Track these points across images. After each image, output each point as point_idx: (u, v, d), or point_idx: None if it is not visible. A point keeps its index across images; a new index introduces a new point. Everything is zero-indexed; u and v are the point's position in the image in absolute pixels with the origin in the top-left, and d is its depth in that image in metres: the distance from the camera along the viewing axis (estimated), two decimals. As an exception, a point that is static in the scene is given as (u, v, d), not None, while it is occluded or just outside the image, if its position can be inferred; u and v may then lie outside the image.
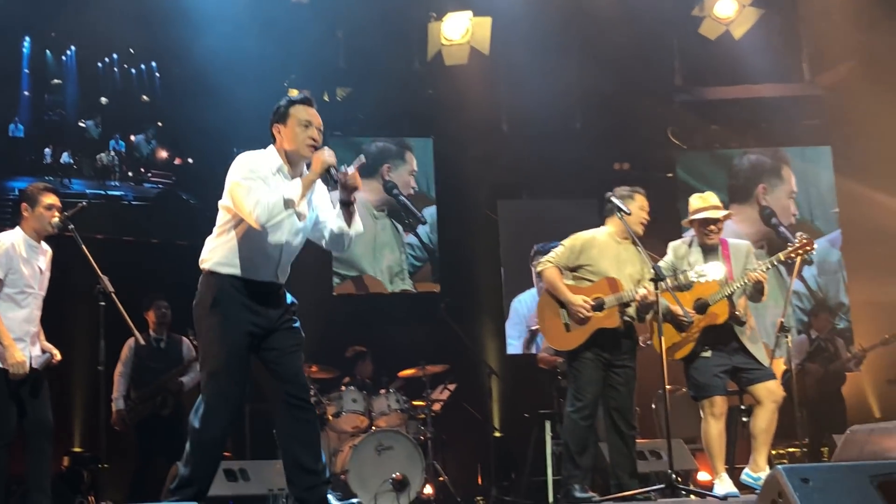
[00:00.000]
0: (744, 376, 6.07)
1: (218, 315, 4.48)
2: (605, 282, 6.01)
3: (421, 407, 8.42)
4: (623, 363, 6.05)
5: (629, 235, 5.99)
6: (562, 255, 6.14)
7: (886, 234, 10.14)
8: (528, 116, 10.43)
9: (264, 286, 4.52)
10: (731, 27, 9.96)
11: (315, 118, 4.53)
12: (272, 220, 4.32)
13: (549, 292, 6.16)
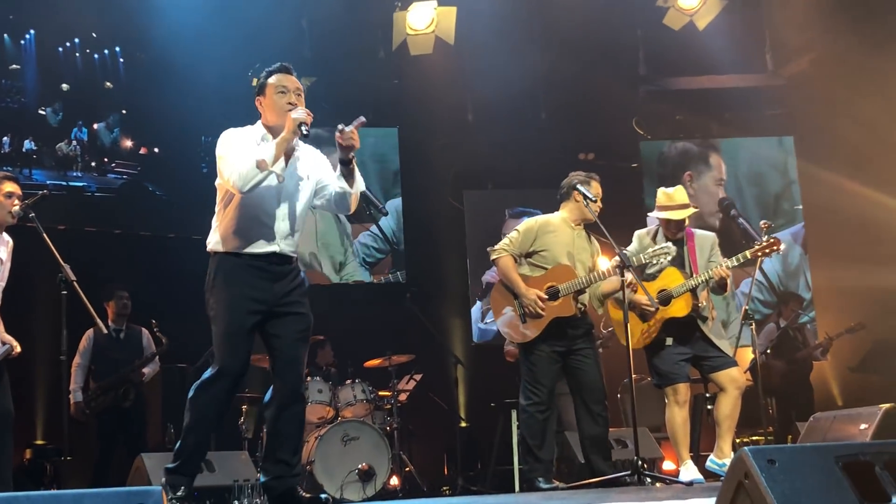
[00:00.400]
0: (706, 364, 6.12)
1: (217, 294, 4.50)
2: (558, 269, 5.96)
3: (387, 397, 8.40)
4: (581, 347, 5.98)
5: (582, 222, 6.02)
6: (516, 240, 6.06)
7: (849, 220, 10.24)
8: (493, 106, 10.44)
9: (267, 258, 4.48)
10: (695, 18, 10.01)
11: (291, 83, 4.55)
12: (248, 183, 4.33)
13: (503, 283, 6.08)
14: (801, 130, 11.03)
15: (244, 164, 4.34)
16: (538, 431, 5.90)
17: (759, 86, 10.95)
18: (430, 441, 9.58)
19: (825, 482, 2.72)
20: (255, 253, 4.47)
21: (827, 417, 7.17)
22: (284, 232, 4.52)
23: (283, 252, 4.52)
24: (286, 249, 4.54)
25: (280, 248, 4.51)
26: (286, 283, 4.55)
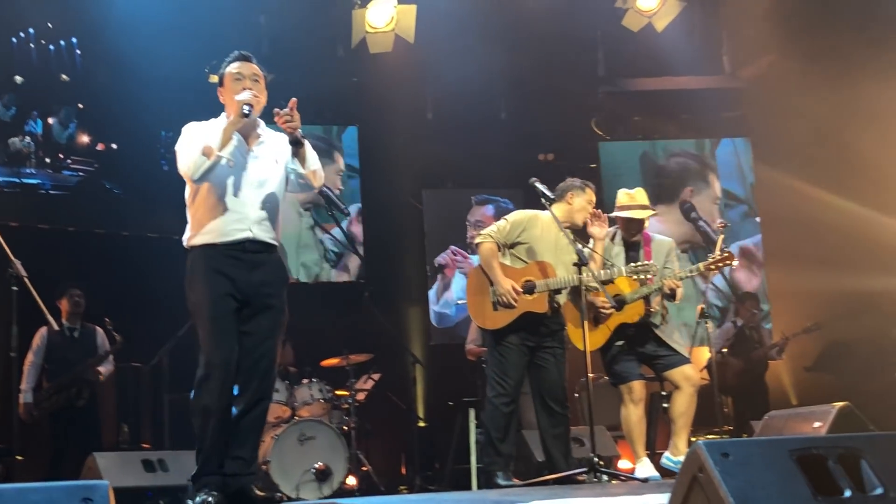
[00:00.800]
0: (659, 363, 6.20)
1: (195, 288, 4.49)
2: (537, 265, 5.95)
3: (344, 397, 8.35)
4: (550, 345, 5.97)
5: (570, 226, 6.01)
6: (503, 229, 6.03)
7: (805, 222, 10.34)
8: (453, 106, 10.43)
9: (241, 245, 4.46)
10: (654, 19, 10.04)
11: (247, 69, 4.57)
12: (198, 171, 4.37)
13: (482, 268, 6.04)
14: (758, 132, 11.13)
15: (193, 152, 4.37)
16: (502, 425, 5.88)
17: (717, 88, 11.04)
18: (388, 440, 9.54)
19: (779, 476, 2.73)
20: (229, 242, 4.44)
21: (781, 416, 7.23)
22: (257, 217, 4.49)
23: (257, 238, 4.49)
24: (261, 235, 4.50)
25: (254, 233, 4.47)
26: (264, 272, 4.52)
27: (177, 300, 8.76)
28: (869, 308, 9.86)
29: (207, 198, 4.47)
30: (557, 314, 6.05)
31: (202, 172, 4.37)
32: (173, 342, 8.18)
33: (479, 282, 6.04)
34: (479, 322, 6.14)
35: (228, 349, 4.43)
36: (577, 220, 6.02)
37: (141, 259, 9.52)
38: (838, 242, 10.15)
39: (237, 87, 4.48)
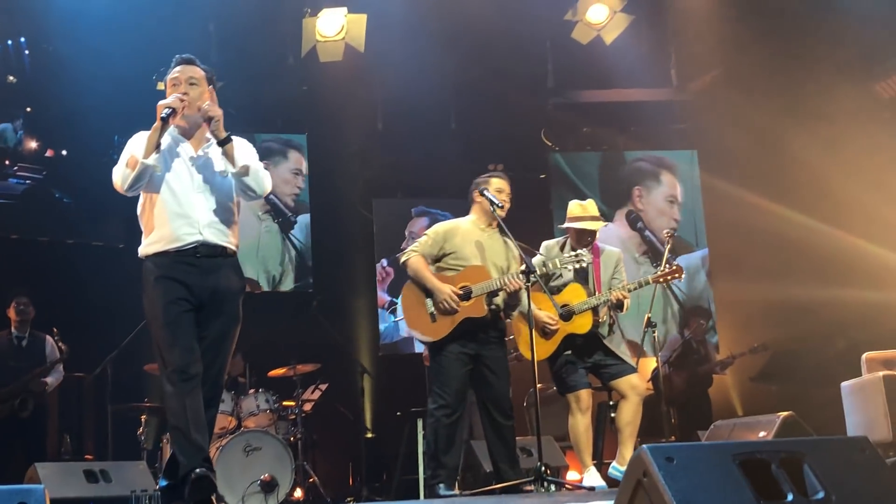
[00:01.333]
0: (605, 372, 6.21)
1: (149, 295, 4.41)
2: (471, 270, 5.87)
3: (291, 407, 8.27)
4: (492, 353, 5.88)
5: (494, 223, 5.96)
6: (425, 243, 5.96)
7: (750, 234, 10.47)
8: (403, 115, 10.42)
9: (193, 250, 4.41)
10: (603, 32, 10.12)
11: (184, 73, 4.51)
12: (125, 182, 4.36)
13: (414, 282, 5.96)
14: (705, 145, 11.26)
15: (120, 165, 4.38)
16: (444, 436, 5.75)
17: (665, 100, 11.16)
18: (335, 452, 9.48)
19: (723, 480, 2.74)
20: (180, 248, 4.39)
21: (727, 425, 7.30)
22: (206, 221, 4.44)
23: (208, 241, 4.43)
24: (212, 239, 4.45)
25: (204, 236, 4.42)
26: (219, 277, 4.46)
27: (121, 309, 8.72)
28: (813, 318, 9.99)
29: (155, 205, 4.43)
30: (497, 319, 5.97)
31: (129, 183, 4.35)
32: (117, 352, 8.06)
33: (414, 296, 5.94)
34: (420, 336, 6.01)
35: (188, 349, 4.33)
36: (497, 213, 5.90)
37: (85, 268, 9.39)
38: (783, 253, 10.30)
39: (173, 93, 4.46)
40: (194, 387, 4.30)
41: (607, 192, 11.08)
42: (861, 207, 9.70)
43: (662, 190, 11.22)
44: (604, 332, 6.23)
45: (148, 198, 4.46)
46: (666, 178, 11.27)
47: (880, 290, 9.57)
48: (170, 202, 4.41)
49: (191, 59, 4.60)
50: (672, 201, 11.21)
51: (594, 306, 6.12)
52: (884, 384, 6.88)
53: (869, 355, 7.54)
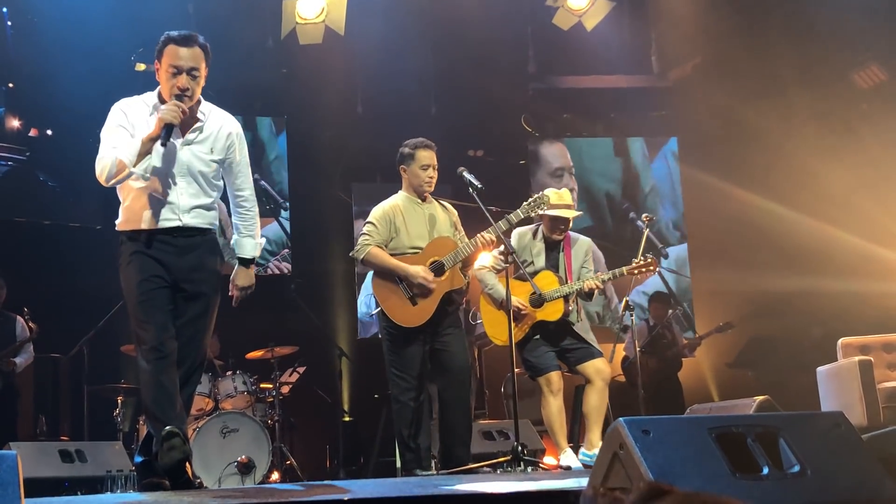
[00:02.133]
0: (571, 356, 6.24)
1: (125, 271, 4.35)
2: (435, 243, 5.75)
3: (269, 389, 8.24)
4: (449, 326, 5.75)
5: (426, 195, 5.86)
6: (376, 231, 5.76)
7: (729, 223, 10.52)
8: (383, 99, 10.38)
9: (171, 232, 4.35)
10: (584, 18, 10.12)
11: (186, 60, 4.31)
12: (109, 180, 4.27)
13: (380, 273, 5.78)
14: (684, 133, 11.29)
15: (108, 160, 4.26)
16: (411, 420, 5.67)
17: (645, 87, 11.17)
18: (313, 434, 9.46)
19: (699, 453, 2.76)
20: (159, 228, 4.34)
21: (703, 409, 7.36)
22: (187, 206, 4.38)
23: (188, 225, 4.38)
24: (192, 223, 4.39)
25: (184, 222, 4.37)
26: (194, 257, 4.39)
27: (98, 291, 8.67)
28: (789, 307, 10.06)
29: (137, 185, 4.35)
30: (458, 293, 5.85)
31: (113, 182, 4.28)
32: (94, 333, 8.02)
33: (386, 286, 5.76)
34: (407, 323, 5.72)
35: (162, 326, 4.27)
36: (423, 188, 5.82)
37: (62, 249, 9.32)
38: (761, 242, 10.36)
39: (171, 82, 4.29)
40: (169, 364, 4.25)
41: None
42: (839, 198, 9.76)
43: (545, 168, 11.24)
44: (573, 319, 6.26)
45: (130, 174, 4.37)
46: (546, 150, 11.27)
47: (857, 279, 9.63)
48: (153, 184, 4.34)
49: (193, 38, 4.37)
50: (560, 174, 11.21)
51: (565, 294, 6.14)
52: (859, 369, 6.94)
53: (844, 341, 7.60)
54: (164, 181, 4.35)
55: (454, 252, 5.72)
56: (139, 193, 4.35)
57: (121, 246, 4.42)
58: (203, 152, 4.43)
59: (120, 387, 7.97)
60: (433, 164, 5.88)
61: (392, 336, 5.76)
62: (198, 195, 4.42)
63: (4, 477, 2.21)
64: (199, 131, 4.44)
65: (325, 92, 10.29)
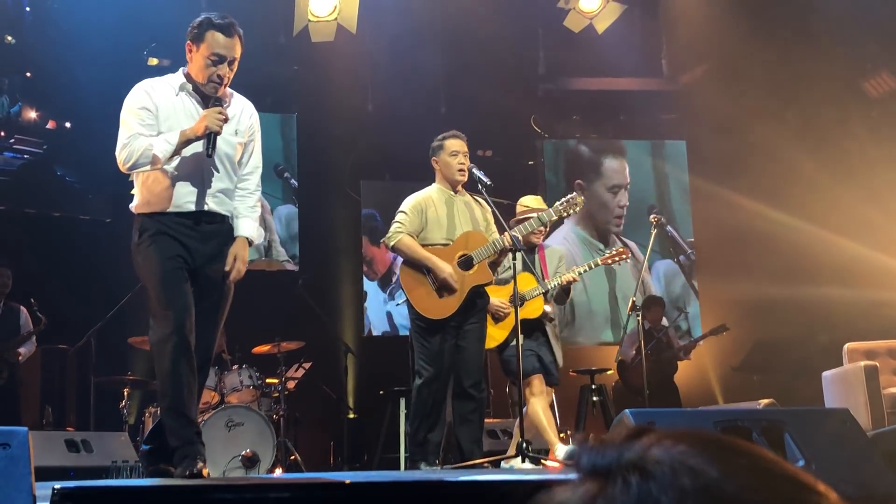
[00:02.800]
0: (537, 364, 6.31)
1: (144, 251, 4.24)
2: (465, 237, 5.74)
3: (274, 384, 8.26)
4: (473, 323, 5.74)
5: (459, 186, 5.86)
6: (408, 220, 5.76)
7: (736, 230, 10.52)
8: (393, 98, 10.41)
9: (194, 216, 4.27)
10: (595, 21, 10.16)
11: (229, 51, 4.25)
12: (134, 168, 4.17)
13: (409, 262, 5.77)
14: (693, 137, 11.30)
15: (138, 149, 4.14)
16: (427, 414, 5.63)
17: (655, 90, 11.19)
18: (317, 430, 9.49)
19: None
20: (181, 212, 4.26)
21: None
22: (212, 191, 4.32)
23: (211, 210, 4.31)
24: (215, 207, 4.32)
25: (208, 206, 4.30)
26: (216, 244, 4.33)
27: (105, 283, 8.71)
28: (795, 313, 10.05)
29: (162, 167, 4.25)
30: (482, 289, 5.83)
31: (137, 171, 4.19)
32: (101, 324, 8.05)
33: (414, 276, 5.75)
34: (432, 315, 5.69)
35: (183, 308, 4.19)
36: (455, 176, 5.81)
37: (72, 241, 9.37)
38: (767, 249, 10.35)
39: (209, 70, 4.22)
40: (188, 350, 4.19)
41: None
42: (846, 205, 9.75)
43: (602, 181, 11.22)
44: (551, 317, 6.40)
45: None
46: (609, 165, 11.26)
47: (863, 287, 9.62)
48: (176, 167, 4.25)
49: (234, 27, 4.30)
50: (614, 191, 11.21)
51: (544, 292, 6.19)
52: (864, 374, 6.95)
53: (850, 346, 7.61)
54: (188, 164, 4.27)
55: (484, 247, 5.70)
56: (161, 176, 4.26)
57: (138, 228, 4.30)
58: (228, 134, 4.36)
59: (126, 379, 8.00)
60: (463, 150, 5.89)
61: (419, 328, 5.74)
62: (221, 179, 4.36)
63: (15, 451, 2.23)
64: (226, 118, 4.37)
65: (336, 89, 10.32)
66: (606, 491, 0.61)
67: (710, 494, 0.59)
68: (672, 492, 0.59)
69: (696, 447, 0.62)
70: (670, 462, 0.61)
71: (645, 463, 0.61)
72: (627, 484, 0.60)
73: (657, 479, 0.60)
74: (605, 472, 0.62)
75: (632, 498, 0.59)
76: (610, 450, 0.63)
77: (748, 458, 0.62)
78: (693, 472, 0.60)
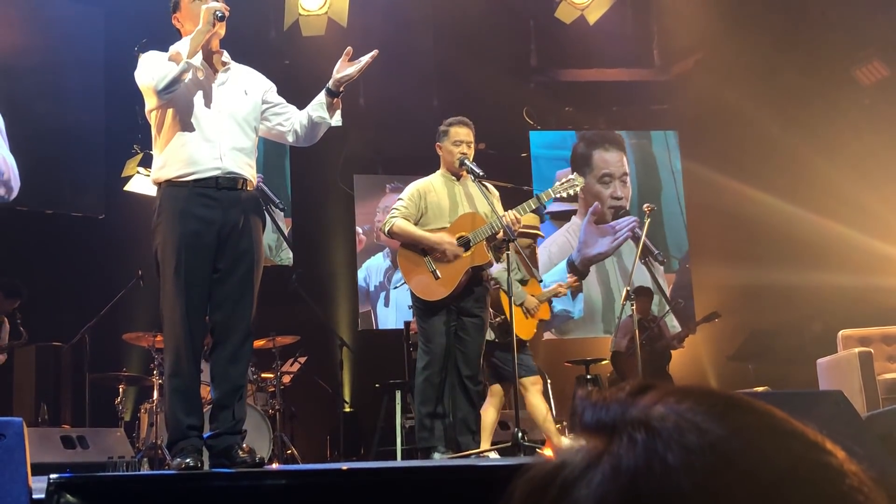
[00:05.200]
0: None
1: (163, 233, 4.21)
2: (462, 219, 5.71)
3: (270, 379, 8.25)
4: (474, 311, 5.69)
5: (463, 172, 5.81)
6: (405, 206, 5.76)
7: (729, 217, 10.54)
8: (385, 92, 10.37)
9: (214, 182, 4.23)
10: (586, 12, 10.13)
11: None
12: (165, 79, 4.07)
13: (406, 245, 5.77)
14: (685, 127, 11.31)
15: (158, 65, 4.12)
16: (433, 397, 5.57)
17: (647, 80, 11.19)
18: (313, 424, 9.48)
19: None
20: (200, 178, 4.21)
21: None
22: (228, 146, 4.28)
23: (228, 169, 4.26)
24: (233, 167, 4.27)
25: (224, 163, 4.25)
26: (238, 212, 4.27)
27: (99, 279, 8.68)
28: (789, 301, 10.07)
29: (174, 126, 4.24)
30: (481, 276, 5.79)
31: (168, 82, 4.07)
32: (95, 321, 8.03)
33: (411, 259, 5.74)
34: (429, 297, 5.66)
35: (195, 297, 4.17)
36: (454, 161, 5.78)
37: (64, 237, 9.35)
38: (761, 237, 10.38)
39: (197, 6, 4.23)
40: (196, 343, 4.21)
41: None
42: (839, 193, 9.77)
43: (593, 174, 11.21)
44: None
45: (166, 118, 4.26)
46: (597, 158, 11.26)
47: (858, 274, 9.64)
48: (190, 122, 4.22)
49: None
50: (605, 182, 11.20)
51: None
52: (859, 360, 6.97)
53: (844, 333, 7.63)
54: (203, 120, 4.25)
55: (481, 228, 5.65)
56: (176, 135, 4.23)
57: (160, 200, 4.27)
58: (237, 91, 4.36)
59: (122, 375, 7.97)
60: (467, 140, 5.85)
61: (419, 310, 5.74)
62: (236, 136, 4.32)
63: (10, 442, 2.22)
64: (230, 71, 4.40)
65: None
66: (611, 448, 0.60)
67: (716, 452, 0.58)
68: (678, 449, 0.58)
69: (703, 404, 0.61)
70: (676, 419, 0.60)
71: (650, 419, 0.61)
72: (633, 441, 0.60)
73: (662, 435, 0.59)
74: (609, 429, 0.62)
75: (638, 455, 0.59)
76: (614, 405, 0.63)
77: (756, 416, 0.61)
78: (699, 429, 0.59)
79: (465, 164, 5.80)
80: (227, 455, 4.24)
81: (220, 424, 4.29)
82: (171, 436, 4.26)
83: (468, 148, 5.83)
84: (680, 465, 0.58)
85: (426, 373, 5.62)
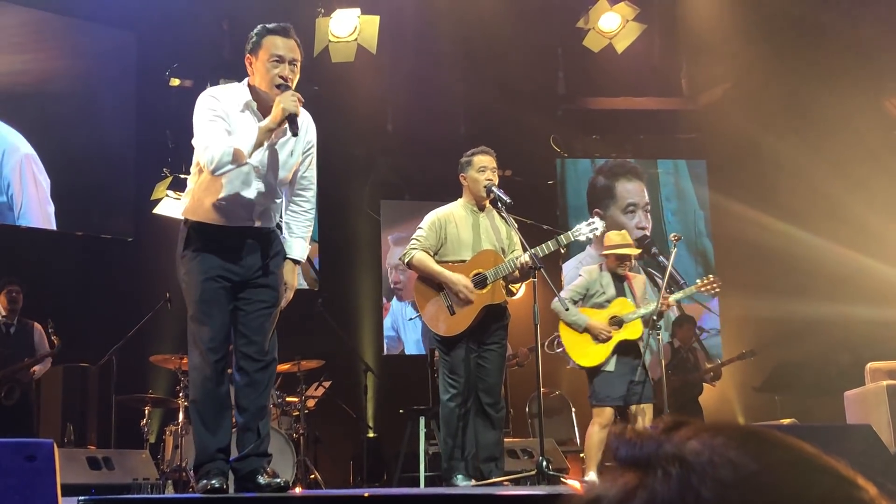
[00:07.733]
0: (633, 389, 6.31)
1: (188, 264, 4.25)
2: (481, 256, 5.69)
3: (294, 403, 8.26)
4: (494, 342, 5.69)
5: (486, 203, 5.81)
6: (424, 237, 5.75)
7: (757, 249, 10.49)
8: (413, 118, 10.45)
9: (240, 231, 4.26)
10: (614, 41, 10.18)
11: (288, 50, 4.21)
12: (220, 170, 4.07)
13: (423, 279, 5.76)
14: (713, 157, 11.29)
15: (219, 149, 4.05)
16: (456, 427, 5.56)
17: (674, 109, 11.19)
18: (337, 449, 9.47)
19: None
20: (228, 227, 4.24)
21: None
22: (262, 207, 4.29)
23: (258, 227, 4.30)
24: (262, 223, 4.31)
25: (256, 223, 4.28)
26: (261, 254, 4.30)
27: (127, 301, 8.74)
28: (818, 334, 9.99)
29: (215, 178, 4.19)
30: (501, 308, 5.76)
31: (222, 171, 4.09)
32: (123, 342, 8.08)
33: (427, 293, 5.74)
34: (443, 332, 5.68)
35: (218, 328, 4.21)
36: (481, 192, 5.77)
37: (93, 259, 9.43)
38: (788, 269, 10.31)
39: (272, 72, 4.16)
40: (223, 367, 4.24)
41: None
42: (867, 225, 9.72)
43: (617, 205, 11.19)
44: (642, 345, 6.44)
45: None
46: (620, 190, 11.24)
47: (886, 306, 9.56)
48: (232, 179, 4.19)
49: (291, 30, 4.29)
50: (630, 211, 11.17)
51: (642, 315, 6.34)
52: (887, 393, 6.88)
53: (872, 365, 7.55)
54: (244, 179, 4.22)
55: (499, 267, 5.64)
56: (215, 187, 4.21)
57: (185, 234, 4.30)
58: (286, 152, 4.31)
59: (148, 397, 8.01)
60: (491, 166, 5.85)
61: (439, 342, 5.76)
62: (272, 196, 4.32)
63: (41, 465, 2.24)
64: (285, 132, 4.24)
65: (356, 110, 10.37)
66: (646, 482, 0.61)
67: (749, 487, 0.59)
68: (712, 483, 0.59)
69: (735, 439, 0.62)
70: (710, 454, 0.61)
71: (684, 454, 0.62)
72: (668, 475, 0.61)
73: (697, 470, 0.60)
74: (644, 464, 0.63)
75: (673, 489, 0.60)
76: (648, 441, 0.64)
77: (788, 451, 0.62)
78: (732, 464, 0.60)
79: (492, 191, 5.78)
80: (252, 479, 4.28)
81: (246, 446, 4.33)
82: (198, 458, 4.30)
83: (493, 174, 5.84)
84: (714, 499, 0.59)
85: (451, 404, 5.62)
